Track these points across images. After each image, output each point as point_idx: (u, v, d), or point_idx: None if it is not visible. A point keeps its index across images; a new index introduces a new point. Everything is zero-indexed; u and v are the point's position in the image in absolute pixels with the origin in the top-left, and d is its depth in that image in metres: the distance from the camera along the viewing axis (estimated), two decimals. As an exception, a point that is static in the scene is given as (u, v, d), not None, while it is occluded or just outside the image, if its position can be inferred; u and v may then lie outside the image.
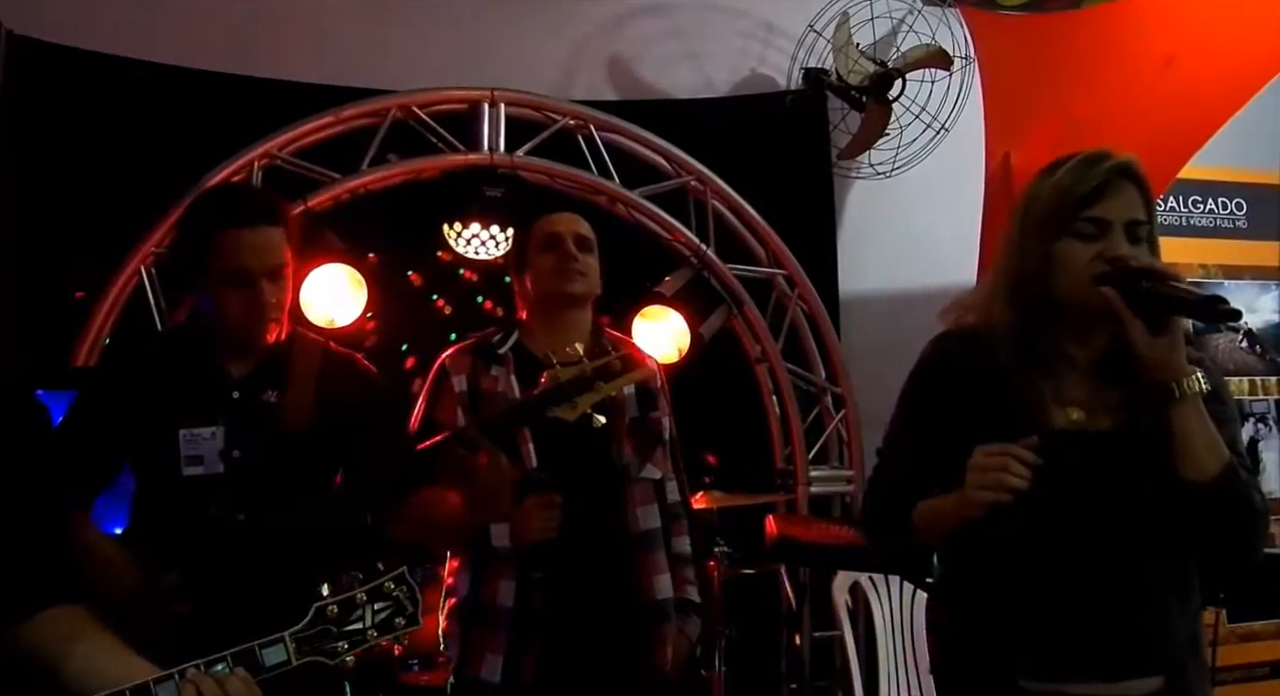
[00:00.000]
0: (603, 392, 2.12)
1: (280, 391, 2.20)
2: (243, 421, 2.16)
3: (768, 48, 4.72)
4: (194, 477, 2.11)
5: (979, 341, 1.73)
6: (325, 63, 4.10)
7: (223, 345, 2.21)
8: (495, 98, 4.03)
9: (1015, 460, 1.56)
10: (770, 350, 4.38)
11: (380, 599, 1.51)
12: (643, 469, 2.52)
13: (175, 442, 2.12)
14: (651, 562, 2.49)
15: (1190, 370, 1.64)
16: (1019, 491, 1.55)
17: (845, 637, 4.18)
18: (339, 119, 3.88)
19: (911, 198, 4.67)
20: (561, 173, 4.10)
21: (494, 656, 2.36)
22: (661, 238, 4.25)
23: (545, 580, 2.36)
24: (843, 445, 4.53)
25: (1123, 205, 1.68)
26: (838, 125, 4.63)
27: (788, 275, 4.43)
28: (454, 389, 2.46)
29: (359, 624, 1.50)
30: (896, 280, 4.72)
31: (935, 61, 4.41)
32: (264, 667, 1.46)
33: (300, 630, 1.48)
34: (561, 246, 2.52)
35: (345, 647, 1.49)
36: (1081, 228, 1.68)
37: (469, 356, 2.51)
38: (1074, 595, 1.65)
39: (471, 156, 3.98)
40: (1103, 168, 1.69)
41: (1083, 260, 1.67)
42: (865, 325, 4.69)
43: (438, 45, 4.25)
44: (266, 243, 2.14)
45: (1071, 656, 1.65)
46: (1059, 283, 1.69)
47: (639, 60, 4.59)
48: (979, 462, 1.58)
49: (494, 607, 2.39)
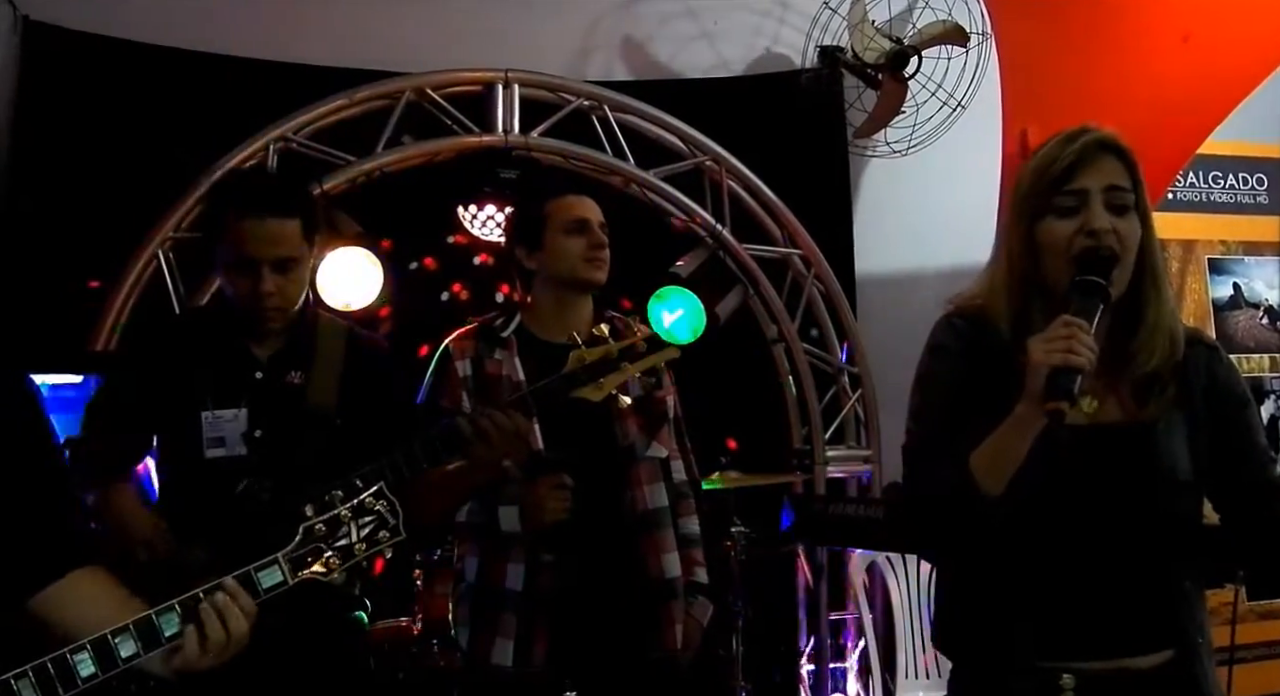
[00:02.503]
0: (628, 373, 2.12)
1: (304, 372, 2.23)
2: (266, 402, 2.20)
3: (782, 25, 4.69)
4: (216, 459, 2.16)
5: (985, 323, 1.72)
6: (339, 45, 4.09)
7: (246, 326, 2.25)
8: (509, 79, 4.03)
9: (1082, 333, 1.54)
10: (787, 330, 4.38)
11: (364, 514, 1.56)
12: (648, 448, 2.51)
13: (198, 424, 2.16)
14: (659, 541, 2.49)
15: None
16: (1083, 369, 1.52)
17: (863, 617, 4.19)
18: (353, 101, 3.88)
19: (928, 176, 4.65)
20: (576, 154, 4.09)
21: (504, 640, 2.37)
22: (677, 218, 4.24)
23: (553, 562, 2.37)
24: (860, 425, 4.52)
25: (1101, 174, 1.65)
26: (853, 103, 4.61)
27: (804, 255, 4.42)
28: (458, 373, 2.45)
29: (346, 539, 1.55)
30: (913, 259, 4.70)
31: (952, 38, 4.38)
32: (262, 590, 1.52)
33: (292, 550, 1.53)
34: (591, 233, 2.50)
35: (337, 563, 1.54)
36: (1061, 202, 1.65)
37: (472, 340, 2.50)
38: (1083, 572, 1.65)
39: (486, 138, 3.98)
40: (1080, 143, 1.66)
41: (1064, 237, 1.65)
42: (882, 304, 4.67)
43: (451, 27, 4.23)
44: (275, 234, 2.16)
45: (1080, 633, 1.65)
46: (1046, 265, 1.67)
47: (653, 40, 4.57)
48: (1044, 334, 1.56)
49: (502, 591, 2.39)
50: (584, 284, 2.50)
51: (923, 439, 1.74)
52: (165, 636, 1.45)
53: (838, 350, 4.49)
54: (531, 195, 2.63)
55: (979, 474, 1.60)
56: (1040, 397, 1.54)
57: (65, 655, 1.41)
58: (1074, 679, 1.64)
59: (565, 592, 2.37)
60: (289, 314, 2.25)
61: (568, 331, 2.31)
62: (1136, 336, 1.68)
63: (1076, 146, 1.65)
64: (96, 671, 1.42)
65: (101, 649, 1.42)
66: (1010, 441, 1.59)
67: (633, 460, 2.48)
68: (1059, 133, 1.69)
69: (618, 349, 2.09)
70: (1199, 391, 1.71)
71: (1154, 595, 1.66)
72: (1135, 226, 1.66)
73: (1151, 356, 1.67)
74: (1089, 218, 1.63)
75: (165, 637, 1.45)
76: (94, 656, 1.42)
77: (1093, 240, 1.62)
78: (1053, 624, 1.65)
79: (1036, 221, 1.67)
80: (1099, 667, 1.65)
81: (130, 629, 1.44)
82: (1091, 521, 1.65)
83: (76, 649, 1.42)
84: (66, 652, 1.41)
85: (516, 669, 2.36)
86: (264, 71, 3.95)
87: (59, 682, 1.40)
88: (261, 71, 3.95)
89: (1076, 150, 1.65)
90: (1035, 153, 1.71)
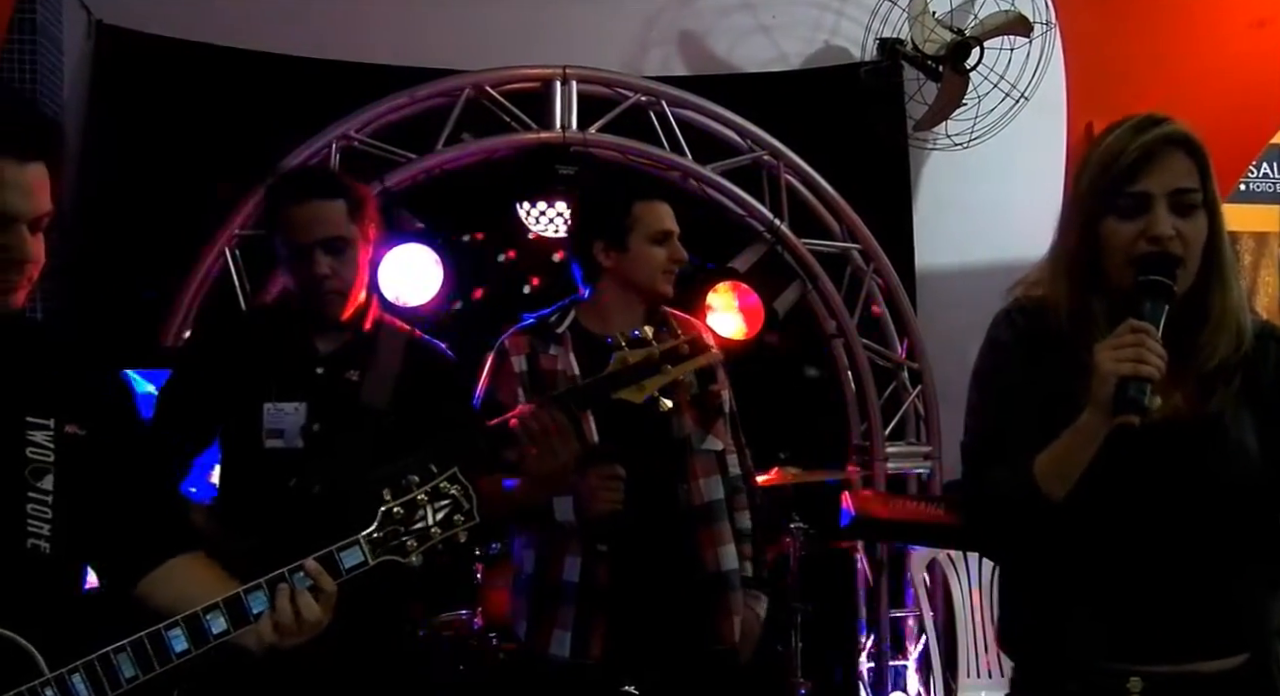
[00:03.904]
0: (670, 376, 2.12)
1: (362, 371, 2.28)
2: (325, 398, 2.24)
3: (841, 18, 4.65)
4: (274, 450, 2.21)
5: (1045, 315, 1.69)
6: (400, 44, 4.14)
7: (310, 321, 2.30)
8: (567, 75, 4.04)
9: (1151, 340, 1.50)
10: (846, 325, 4.35)
11: (439, 498, 1.59)
12: (704, 440, 2.52)
13: (260, 416, 2.22)
14: (714, 534, 2.49)
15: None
16: (1153, 378, 1.49)
17: (923, 615, 4.15)
18: (414, 99, 3.92)
19: (990, 169, 4.58)
20: (634, 149, 4.09)
21: (561, 631, 2.39)
22: (735, 213, 4.23)
23: (609, 553, 2.38)
24: (920, 421, 4.48)
25: (1167, 175, 1.59)
26: (913, 96, 4.56)
27: (863, 249, 4.39)
28: (514, 369, 2.48)
29: (422, 523, 1.58)
30: (975, 253, 4.63)
31: (1015, 28, 4.30)
32: (344, 570, 1.57)
33: (372, 532, 1.57)
34: (673, 246, 2.51)
35: (414, 546, 1.58)
36: (1123, 204, 1.61)
37: (527, 336, 2.52)
38: (1150, 572, 1.62)
39: (544, 135, 4.00)
40: (1147, 137, 1.60)
41: (1126, 240, 1.60)
42: (943, 299, 4.61)
43: (510, 24, 4.27)
44: (318, 215, 2.23)
45: (1148, 635, 1.61)
46: (1107, 262, 1.63)
47: (711, 34, 4.56)
48: (1112, 341, 1.52)
49: (559, 582, 2.41)
50: (658, 296, 2.53)
51: (981, 438, 1.71)
52: (253, 614, 1.52)
53: (897, 345, 4.45)
54: (618, 192, 2.62)
55: (1042, 478, 1.58)
56: (1109, 409, 1.50)
57: (160, 631, 1.49)
58: (1142, 682, 1.61)
59: (622, 584, 2.38)
60: (351, 301, 2.28)
61: (625, 328, 2.33)
62: (1202, 331, 1.64)
63: (1142, 141, 1.60)
64: (190, 647, 1.50)
65: (193, 625, 1.50)
66: (1076, 448, 1.56)
67: (688, 453, 2.48)
68: (1125, 119, 1.64)
69: (660, 351, 2.10)
70: (1267, 385, 1.67)
71: (1226, 596, 1.62)
72: (1201, 225, 1.62)
73: (1216, 351, 1.63)
74: (1152, 223, 1.59)
75: (253, 615, 1.52)
76: (186, 632, 1.50)
77: (1155, 246, 1.59)
78: (1120, 625, 1.62)
79: (1098, 218, 1.63)
80: (1168, 671, 1.61)
81: (220, 606, 1.51)
82: (1158, 519, 1.62)
83: (170, 625, 1.50)
84: (161, 628, 1.49)
85: (574, 660, 2.37)
86: (327, 71, 4.02)
87: (155, 658, 1.48)
88: (324, 71, 4.01)
89: (1142, 146, 1.60)
90: (1100, 140, 1.67)
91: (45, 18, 3.73)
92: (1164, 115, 1.64)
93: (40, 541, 1.53)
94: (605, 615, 2.38)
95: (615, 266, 2.50)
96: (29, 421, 1.55)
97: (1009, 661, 1.78)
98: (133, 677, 1.48)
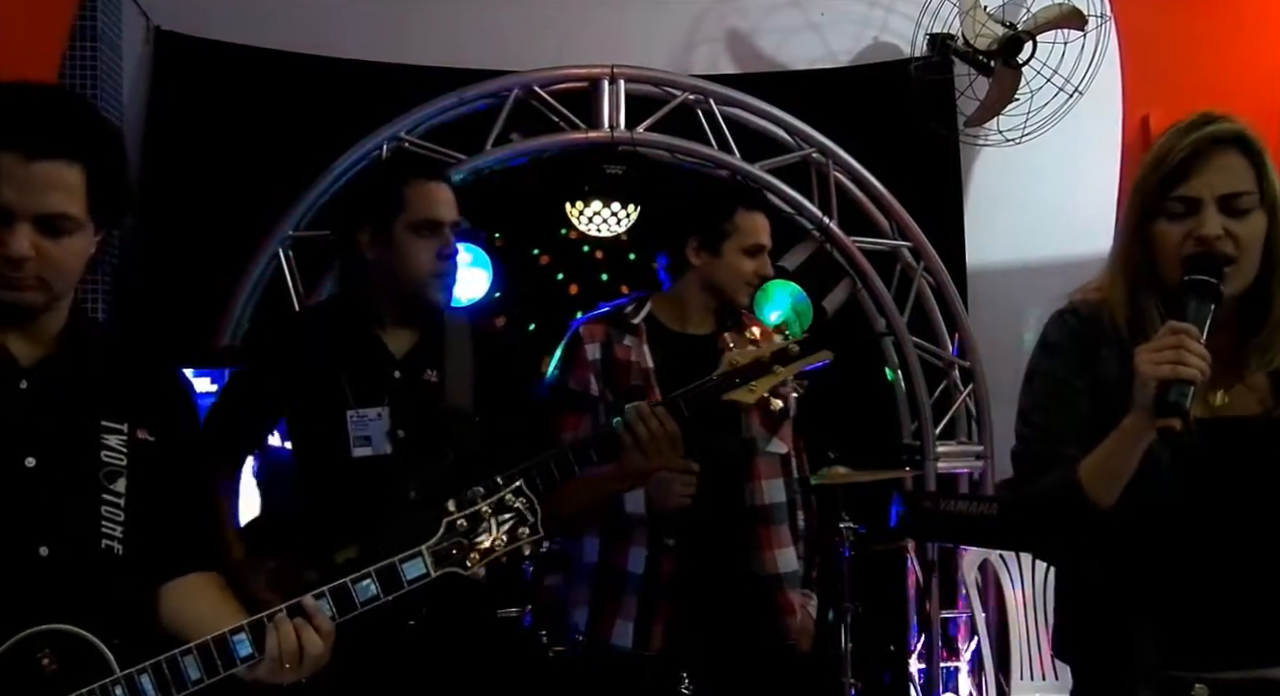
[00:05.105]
0: (780, 376, 2.11)
1: (438, 370, 2.23)
2: (406, 401, 2.19)
3: (890, 14, 4.62)
4: (363, 458, 2.16)
5: (1101, 317, 1.66)
6: (449, 46, 4.18)
7: (381, 316, 2.24)
8: (615, 74, 4.05)
9: (1191, 340, 1.47)
10: (896, 323, 4.31)
11: (503, 511, 1.60)
12: (769, 443, 2.53)
13: (342, 423, 2.16)
14: (775, 535, 2.50)
15: None
16: (1194, 380, 1.45)
17: (975, 615, 4.11)
18: (463, 100, 3.96)
19: (1043, 165, 4.52)
20: (682, 148, 4.10)
21: (624, 621, 2.41)
22: (784, 212, 4.21)
23: (675, 547, 2.40)
24: (971, 420, 4.43)
25: (1218, 178, 1.56)
26: (964, 91, 4.51)
27: (913, 247, 4.35)
28: (586, 356, 2.48)
29: (486, 535, 1.59)
30: (1027, 251, 4.58)
31: (1069, 21, 4.24)
32: (406, 581, 1.58)
33: (435, 543, 1.58)
34: (762, 260, 2.53)
35: (477, 558, 1.59)
36: (1171, 207, 1.58)
37: (603, 324, 2.53)
38: (1215, 575, 1.59)
39: (592, 134, 4.01)
40: (1195, 136, 1.57)
41: (1175, 241, 1.57)
42: (994, 298, 4.57)
43: (558, 24, 4.29)
44: (450, 200, 2.23)
45: (1213, 641, 1.58)
46: (1160, 263, 1.60)
47: (759, 32, 4.55)
48: (1152, 343, 1.49)
49: (624, 573, 2.43)
50: (732, 301, 2.54)
51: (1031, 441, 1.68)
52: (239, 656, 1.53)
53: (948, 344, 4.41)
54: (723, 197, 2.61)
55: (1088, 483, 1.55)
56: (1150, 412, 1.47)
57: (225, 635, 1.52)
58: (1208, 689, 1.58)
59: (684, 578, 2.40)
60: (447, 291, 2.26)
61: (698, 326, 2.38)
62: (1262, 330, 1.61)
63: (1191, 141, 1.57)
64: (253, 652, 1.53)
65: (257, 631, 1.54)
66: (1119, 452, 1.53)
67: (754, 454, 2.50)
68: (1179, 121, 1.61)
69: (770, 352, 2.08)
70: None
71: None
72: (1258, 224, 1.58)
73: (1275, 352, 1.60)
74: (1199, 224, 1.56)
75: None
76: (251, 637, 1.54)
77: (1202, 246, 1.56)
78: (1183, 631, 1.59)
79: (1150, 219, 1.61)
80: (1234, 678, 1.58)
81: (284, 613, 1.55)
82: (1223, 519, 1.59)
83: (235, 630, 1.53)
84: (226, 633, 1.53)
85: (635, 650, 2.39)
86: (378, 73, 4.06)
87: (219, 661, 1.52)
88: (376, 73, 4.06)
89: (1191, 146, 1.56)
90: (1155, 142, 1.64)
91: (105, 25, 3.81)
92: (1219, 113, 1.60)
93: (114, 542, 1.56)
94: (667, 608, 2.40)
95: (703, 267, 2.51)
96: (104, 425, 1.58)
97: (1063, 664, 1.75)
98: (197, 680, 1.51)
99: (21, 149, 1.45)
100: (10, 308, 1.51)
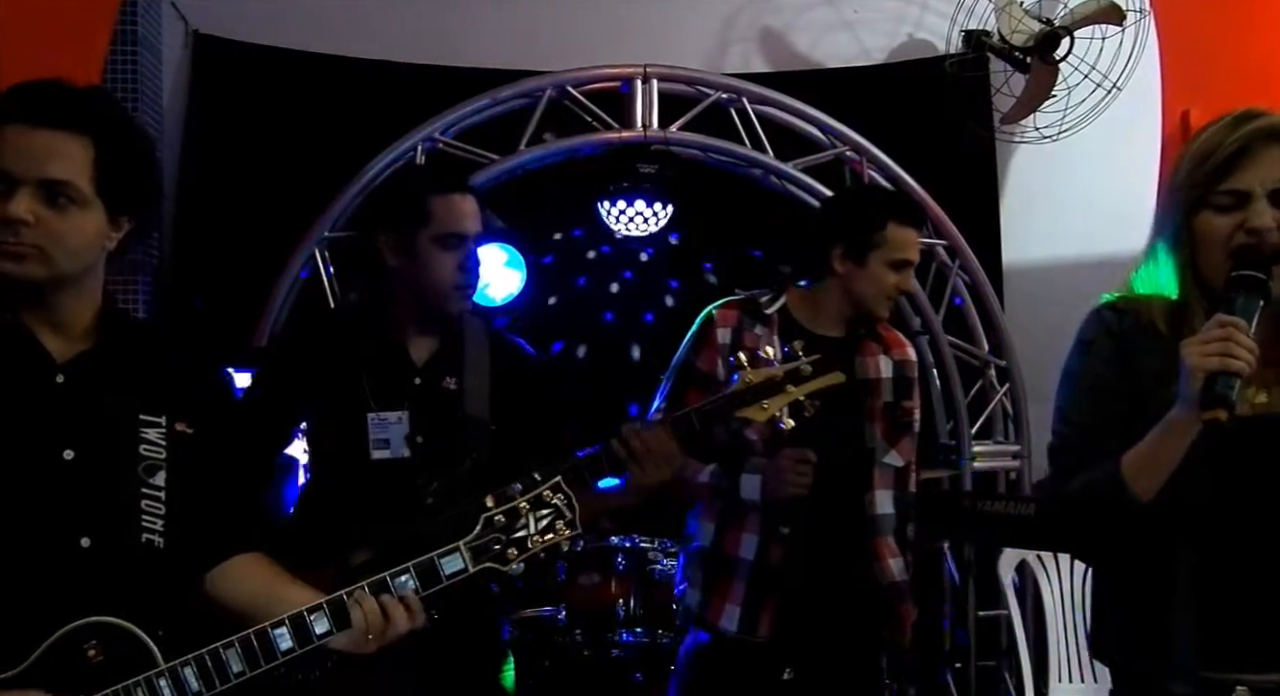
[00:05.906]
0: (792, 396, 2.12)
1: (457, 378, 2.26)
2: (425, 407, 2.22)
3: (925, 11, 4.59)
4: (381, 461, 2.19)
5: (1140, 314, 1.64)
6: (483, 47, 4.21)
7: (403, 323, 2.27)
8: (647, 74, 4.05)
9: (1240, 333, 1.45)
10: (931, 322, 4.29)
11: (541, 507, 1.61)
12: (886, 454, 2.55)
13: (362, 425, 2.19)
14: (885, 545, 2.52)
15: None
16: (1241, 373, 1.45)
17: (1012, 616, 4.07)
18: (496, 101, 3.97)
19: (1080, 162, 4.48)
20: (715, 147, 4.09)
21: (732, 606, 2.44)
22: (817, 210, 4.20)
23: (788, 537, 2.42)
24: (1008, 419, 4.40)
25: (1266, 170, 1.54)
26: (1000, 88, 4.47)
27: (949, 245, 4.32)
28: (716, 340, 2.51)
29: (524, 531, 1.60)
30: (1064, 248, 4.54)
31: (1107, 17, 4.19)
32: (444, 576, 1.59)
33: (473, 539, 1.60)
34: (906, 276, 2.54)
35: (515, 554, 1.60)
36: (1219, 200, 1.56)
37: (737, 310, 2.56)
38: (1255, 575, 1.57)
39: (625, 133, 4.02)
40: (1244, 130, 1.56)
41: (1223, 233, 1.56)
42: (1031, 296, 4.53)
43: (590, 23, 4.30)
44: (475, 209, 2.25)
45: (1253, 642, 1.57)
46: (1203, 257, 1.59)
47: (792, 30, 4.54)
48: (1199, 336, 1.48)
49: (735, 559, 2.45)
50: (874, 317, 2.55)
51: (1069, 439, 1.68)
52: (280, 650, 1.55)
53: (984, 342, 4.38)
54: (876, 208, 2.59)
55: (1130, 478, 1.54)
56: (1196, 405, 1.46)
57: (266, 629, 1.54)
58: (1249, 691, 1.56)
59: (793, 570, 2.42)
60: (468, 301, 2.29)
61: (829, 328, 2.46)
62: None
63: (1240, 135, 1.55)
64: (294, 646, 1.55)
65: (298, 624, 1.56)
66: (1165, 446, 1.52)
67: (872, 463, 2.52)
68: (1223, 116, 1.60)
69: (783, 372, 2.10)
70: None
71: None
72: None
73: None
74: (1250, 216, 1.55)
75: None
76: (292, 631, 1.55)
77: (1253, 238, 1.54)
78: (1222, 632, 1.57)
79: (1194, 213, 1.59)
80: (1277, 681, 1.56)
81: (324, 607, 1.57)
82: (1262, 518, 1.57)
83: (276, 624, 1.55)
84: (268, 627, 1.55)
85: (740, 635, 2.42)
86: (412, 74, 4.10)
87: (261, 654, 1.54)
88: (410, 75, 4.10)
89: (1240, 139, 1.55)
90: (1196, 136, 1.63)
91: (145, 29, 3.87)
92: (1264, 109, 1.59)
93: (154, 536, 1.58)
94: (776, 596, 2.43)
95: (845, 275, 2.52)
96: (143, 419, 1.60)
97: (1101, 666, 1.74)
98: (240, 672, 1.53)
99: (27, 119, 1.49)
100: (11, 282, 1.51)
